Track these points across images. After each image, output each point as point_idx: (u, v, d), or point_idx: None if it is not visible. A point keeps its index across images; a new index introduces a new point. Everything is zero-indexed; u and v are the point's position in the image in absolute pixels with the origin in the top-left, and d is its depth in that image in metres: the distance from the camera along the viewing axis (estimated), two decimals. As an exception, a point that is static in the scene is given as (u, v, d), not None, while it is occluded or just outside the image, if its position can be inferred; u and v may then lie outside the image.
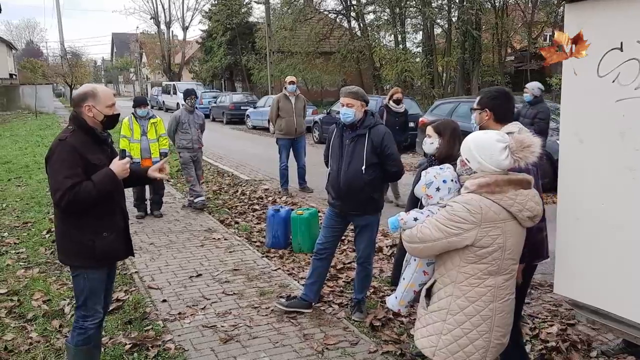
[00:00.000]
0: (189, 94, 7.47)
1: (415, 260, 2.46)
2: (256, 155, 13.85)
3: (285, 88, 8.79)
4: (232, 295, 4.54)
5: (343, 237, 6.04)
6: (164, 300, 4.41)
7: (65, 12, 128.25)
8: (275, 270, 5.15)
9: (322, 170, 9.50)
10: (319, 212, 6.36)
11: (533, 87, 7.39)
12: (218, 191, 9.12)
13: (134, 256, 3.31)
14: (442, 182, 2.24)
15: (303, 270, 5.18)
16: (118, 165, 2.90)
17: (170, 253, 5.68)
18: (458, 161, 2.26)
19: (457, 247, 2.11)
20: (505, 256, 2.13)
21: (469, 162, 2.18)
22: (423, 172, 2.32)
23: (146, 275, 5.00)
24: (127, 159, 2.95)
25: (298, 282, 4.87)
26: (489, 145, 2.13)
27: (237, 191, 9.07)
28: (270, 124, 19.20)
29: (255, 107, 21.95)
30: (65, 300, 4.48)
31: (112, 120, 2.98)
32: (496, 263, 2.12)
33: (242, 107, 23.59)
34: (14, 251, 5.85)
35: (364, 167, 3.82)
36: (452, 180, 2.24)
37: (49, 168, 2.86)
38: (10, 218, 7.21)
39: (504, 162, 2.12)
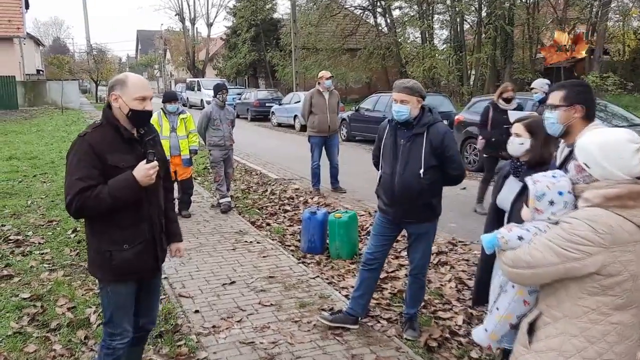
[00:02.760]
0: (219, 88, 7.12)
1: (514, 287, 2.05)
2: (283, 153, 13.51)
3: (319, 83, 8.36)
4: (269, 306, 4.17)
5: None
6: (197, 311, 4.06)
7: (91, 9, 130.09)
8: (314, 278, 4.78)
9: (353, 169, 9.08)
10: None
11: (541, 84, 6.71)
12: (247, 190, 8.79)
13: (160, 273, 2.92)
14: (557, 195, 1.81)
15: (344, 279, 4.80)
16: (140, 171, 2.47)
17: (200, 257, 5.34)
18: (571, 166, 1.83)
19: (575, 275, 1.69)
20: (637, 286, 1.70)
21: (588, 167, 1.75)
22: (529, 181, 1.89)
23: (176, 282, 4.67)
24: (154, 163, 2.50)
25: (339, 292, 4.48)
26: (618, 148, 1.70)
27: (267, 190, 8.73)
28: (296, 120, 19.12)
29: (280, 104, 21.63)
30: (91, 307, 4.17)
31: (139, 117, 2.56)
32: (625, 295, 1.69)
33: (266, 104, 23.30)
34: (38, 252, 5.58)
35: (422, 170, 3.41)
36: (568, 192, 1.82)
37: (66, 167, 2.54)
38: (35, 216, 6.98)
39: (636, 169, 1.70)
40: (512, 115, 6.58)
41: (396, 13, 27.26)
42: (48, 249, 5.66)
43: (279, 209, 7.53)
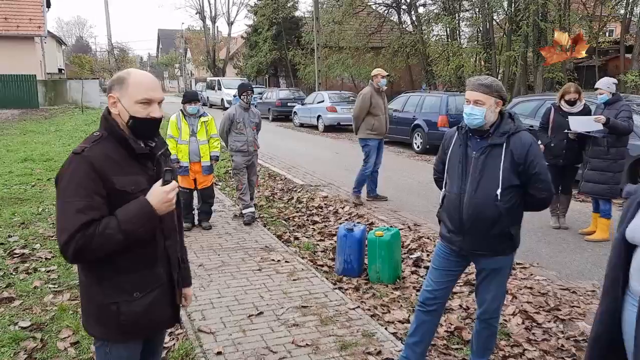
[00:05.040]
0: (244, 88, 6.47)
1: None
2: (308, 155, 12.86)
3: (372, 80, 7.60)
4: (304, 347, 3.52)
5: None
6: (219, 353, 3.42)
7: (113, 8, 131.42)
8: (354, 309, 4.11)
9: (383, 174, 8.33)
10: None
11: (608, 83, 5.80)
12: (271, 197, 8.17)
13: (180, 323, 2.33)
14: None
15: (389, 311, 4.13)
16: (157, 195, 1.89)
17: (223, 279, 4.72)
18: None
19: None
20: None
21: None
22: None
23: (196, 312, 4.04)
24: (173, 183, 1.93)
25: (385, 328, 3.81)
26: None
27: (292, 198, 8.10)
28: (320, 121, 18.40)
29: (303, 104, 20.99)
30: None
31: (141, 126, 1.97)
32: None
33: (288, 104, 22.71)
34: (44, 269, 5.04)
35: (499, 191, 2.73)
36: None
37: (57, 194, 1.91)
38: (44, 225, 6.45)
39: None
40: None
41: (421, 10, 26.48)
42: (55, 266, 5.12)
43: (307, 219, 6.90)
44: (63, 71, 42.14)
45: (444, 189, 3.01)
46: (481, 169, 2.78)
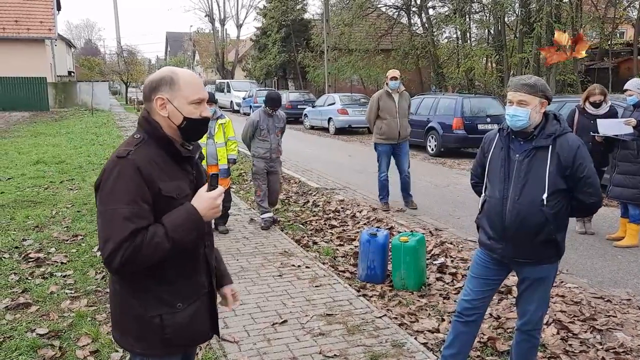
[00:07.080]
0: (273, 104, 6.21)
1: None
2: (320, 158, 12.74)
3: (386, 84, 7.37)
4: (332, 357, 3.38)
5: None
6: (245, 364, 3.31)
7: (121, 11, 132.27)
8: (380, 317, 3.97)
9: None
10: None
11: (638, 85, 5.52)
12: (286, 201, 8.04)
13: (219, 335, 2.22)
14: None
15: (417, 320, 3.98)
16: (204, 201, 1.80)
17: (243, 285, 4.59)
18: None
19: None
20: None
21: None
22: None
23: (218, 319, 3.91)
24: (220, 188, 1.84)
25: (415, 338, 3.67)
26: None
27: (308, 201, 7.97)
28: (331, 123, 18.30)
29: (313, 106, 20.86)
30: (117, 351, 3.47)
31: (195, 128, 1.88)
32: None
33: (298, 106, 22.60)
34: (60, 273, 4.94)
35: (545, 196, 2.59)
36: None
37: (99, 201, 1.77)
38: (59, 229, 6.36)
39: None
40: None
41: (432, 12, 26.33)
42: (71, 270, 5.02)
43: (325, 224, 6.76)
44: (73, 73, 42.32)
45: (483, 194, 2.87)
46: (525, 172, 2.64)
